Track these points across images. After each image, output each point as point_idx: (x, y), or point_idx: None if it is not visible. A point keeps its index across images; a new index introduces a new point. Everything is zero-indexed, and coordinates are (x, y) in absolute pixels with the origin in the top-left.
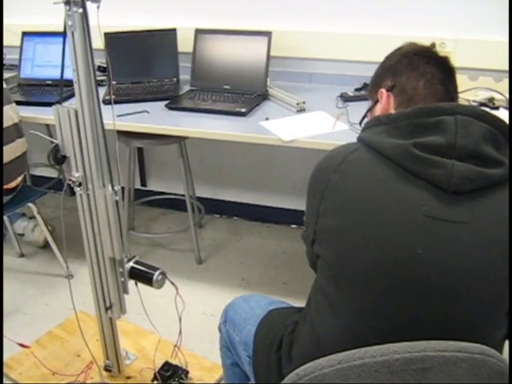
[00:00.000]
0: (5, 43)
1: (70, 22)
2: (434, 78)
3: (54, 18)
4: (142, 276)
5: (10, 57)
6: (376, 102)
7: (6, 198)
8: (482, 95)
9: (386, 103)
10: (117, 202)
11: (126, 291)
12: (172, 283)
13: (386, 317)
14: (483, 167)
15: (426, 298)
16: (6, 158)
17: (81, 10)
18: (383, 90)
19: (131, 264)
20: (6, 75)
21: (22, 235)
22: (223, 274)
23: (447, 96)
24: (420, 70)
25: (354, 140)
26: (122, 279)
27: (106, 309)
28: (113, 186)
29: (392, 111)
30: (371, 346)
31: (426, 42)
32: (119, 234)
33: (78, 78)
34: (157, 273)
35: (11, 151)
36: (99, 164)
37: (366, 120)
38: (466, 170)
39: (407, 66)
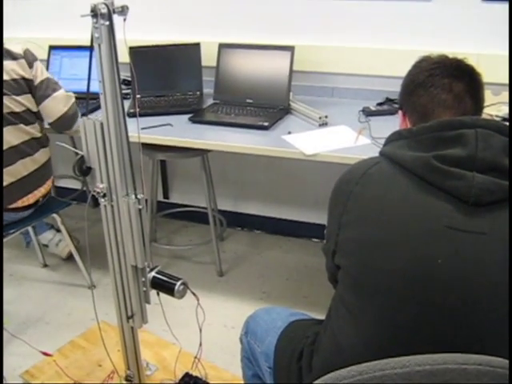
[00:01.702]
0: None
1: (96, 35)
2: (449, 93)
3: (80, 33)
4: (164, 286)
5: None
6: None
7: (26, 213)
8: (504, 110)
9: (402, 123)
10: (140, 210)
11: (147, 301)
12: (193, 294)
13: (406, 327)
14: (503, 179)
15: (447, 308)
16: (6, 181)
17: (107, 23)
18: (400, 111)
19: (153, 274)
20: None
21: (47, 246)
22: (244, 287)
23: (459, 110)
24: (436, 86)
25: (376, 154)
26: (144, 289)
27: (128, 318)
28: (136, 195)
29: None
30: (392, 355)
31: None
32: (142, 242)
33: (104, 90)
34: (178, 283)
35: (10, 174)
36: (123, 175)
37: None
38: (487, 181)
39: (422, 84)
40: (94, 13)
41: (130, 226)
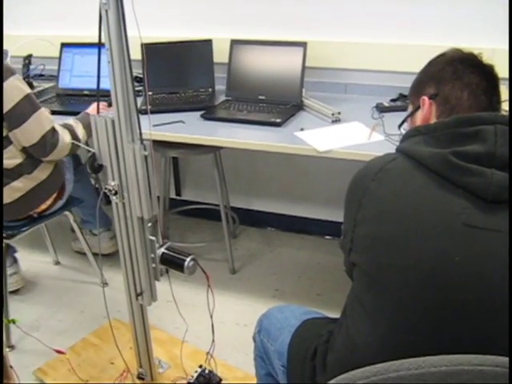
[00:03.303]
0: (44, 54)
1: (103, 1)
2: (478, 89)
3: (92, 30)
4: (174, 262)
5: (49, 67)
6: (417, 108)
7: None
8: None
9: (428, 111)
10: (146, 157)
11: (157, 278)
12: (203, 271)
13: (422, 325)
14: None
15: (464, 306)
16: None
17: None
18: (425, 98)
19: (163, 250)
20: (44, 85)
21: (94, 235)
22: (257, 285)
23: (490, 107)
24: (465, 79)
25: (390, 150)
26: (154, 265)
27: (137, 295)
28: (142, 141)
29: (433, 120)
30: (407, 354)
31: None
32: (148, 191)
33: (115, 86)
34: (188, 259)
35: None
36: (128, 121)
37: (405, 125)
38: (505, 179)
39: (452, 75)
40: None
41: (136, 174)
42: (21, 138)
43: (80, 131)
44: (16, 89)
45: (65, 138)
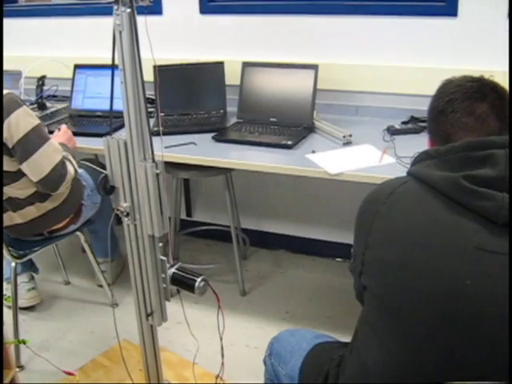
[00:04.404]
0: (58, 75)
1: (118, 22)
2: (470, 116)
3: (105, 52)
4: (184, 282)
5: (62, 88)
6: None
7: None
8: None
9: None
10: (157, 175)
11: (167, 298)
12: (214, 292)
13: (434, 349)
14: None
15: (476, 331)
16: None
17: (129, 10)
18: (428, 136)
19: (173, 270)
20: (57, 106)
21: (101, 263)
22: (267, 307)
23: (482, 131)
24: (452, 111)
25: (401, 174)
26: (164, 285)
27: (147, 315)
28: (153, 159)
29: None
30: (418, 377)
31: (474, 74)
32: (159, 209)
33: (128, 107)
34: (199, 279)
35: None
36: (140, 138)
37: None
38: None
39: (440, 112)
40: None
41: (147, 192)
42: (30, 171)
43: (73, 161)
44: (22, 122)
45: (70, 169)
